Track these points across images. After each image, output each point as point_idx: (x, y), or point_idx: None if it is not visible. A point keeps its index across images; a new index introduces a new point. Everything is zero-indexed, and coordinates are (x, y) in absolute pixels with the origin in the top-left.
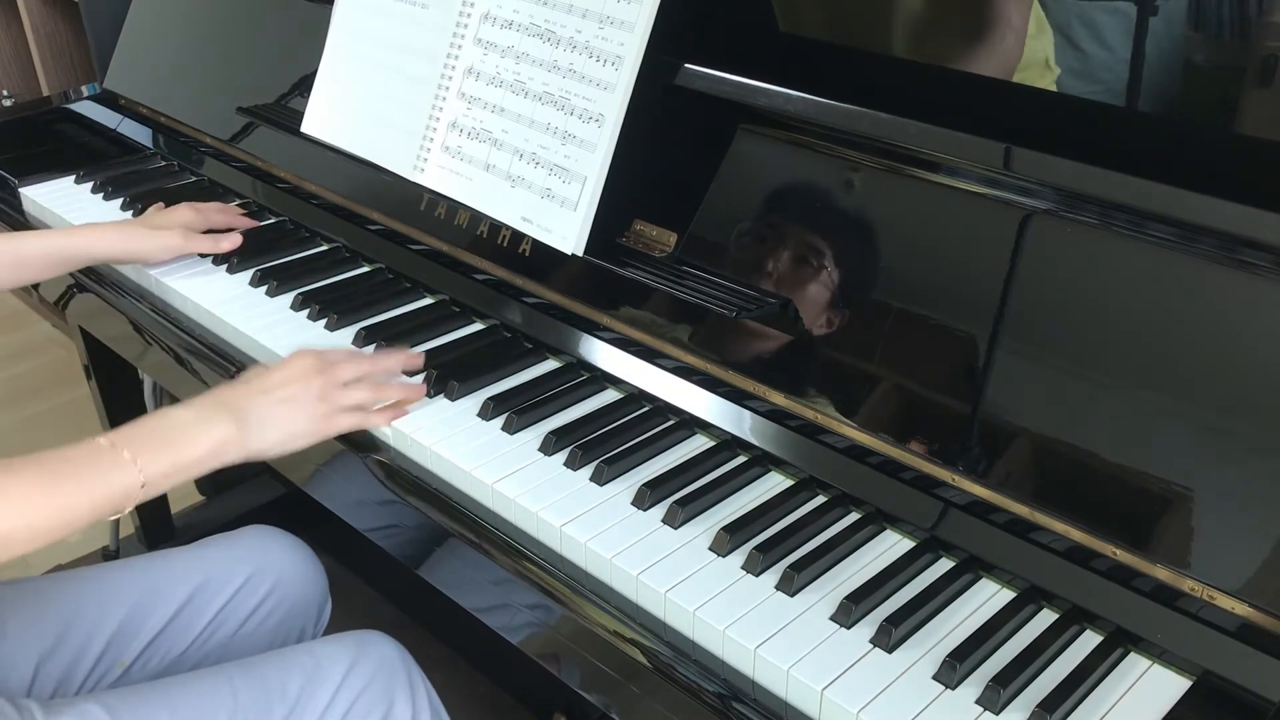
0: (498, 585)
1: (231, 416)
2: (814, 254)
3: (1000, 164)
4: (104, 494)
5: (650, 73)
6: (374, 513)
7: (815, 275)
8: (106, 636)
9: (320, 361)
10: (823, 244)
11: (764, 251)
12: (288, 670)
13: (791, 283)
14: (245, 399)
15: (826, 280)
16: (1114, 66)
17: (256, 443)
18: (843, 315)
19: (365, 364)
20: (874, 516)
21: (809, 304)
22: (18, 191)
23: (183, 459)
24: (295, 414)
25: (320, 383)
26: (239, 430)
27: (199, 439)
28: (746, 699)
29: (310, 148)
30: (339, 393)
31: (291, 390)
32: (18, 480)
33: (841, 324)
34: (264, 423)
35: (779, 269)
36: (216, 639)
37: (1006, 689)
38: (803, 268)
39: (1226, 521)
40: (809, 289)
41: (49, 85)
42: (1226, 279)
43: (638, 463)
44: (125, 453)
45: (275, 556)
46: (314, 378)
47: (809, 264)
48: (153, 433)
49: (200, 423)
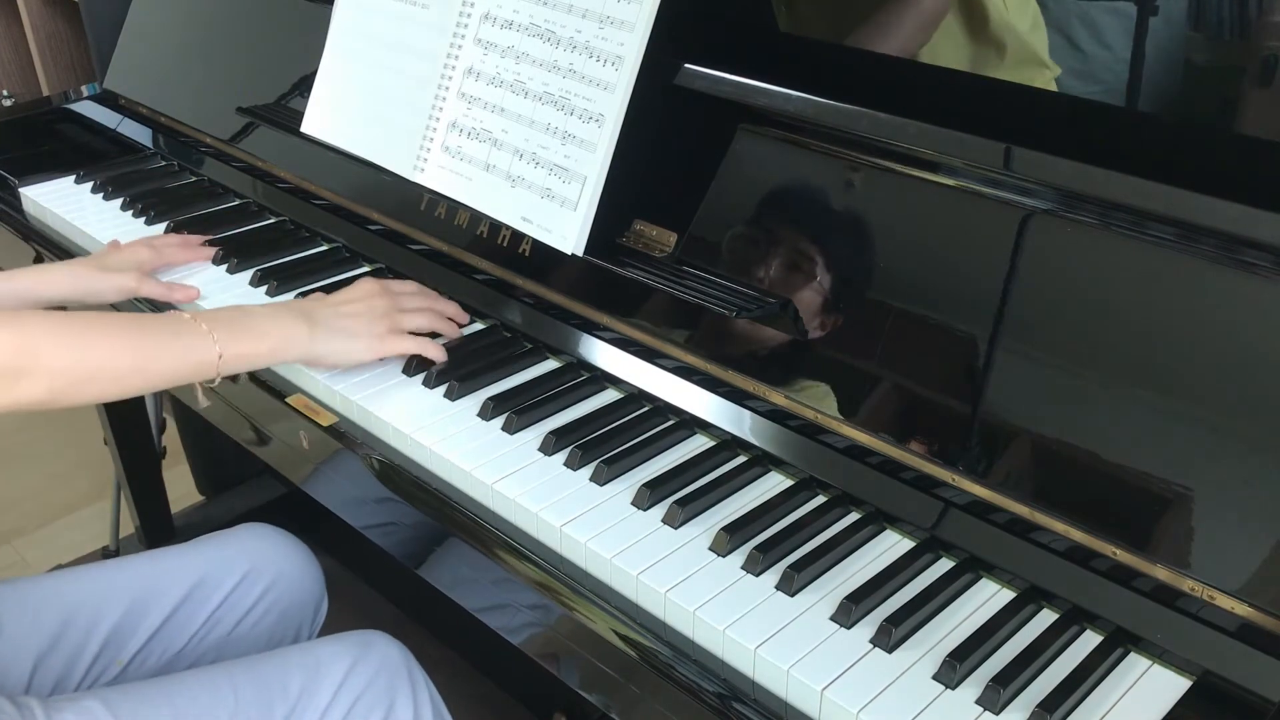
0: (497, 585)
1: (302, 319)
2: (814, 254)
3: (1000, 164)
4: (183, 356)
5: (650, 73)
6: (374, 512)
7: (815, 275)
8: (104, 634)
9: (385, 289)
10: (823, 244)
11: (764, 251)
12: (289, 669)
13: (791, 283)
14: (317, 308)
15: (826, 280)
16: (1114, 66)
17: (321, 345)
18: (843, 315)
19: (427, 298)
20: (874, 516)
21: (809, 304)
22: (18, 191)
23: (255, 348)
24: (358, 326)
25: (384, 303)
26: (308, 332)
27: (270, 331)
28: (746, 699)
29: (310, 148)
30: (401, 315)
31: (358, 307)
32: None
33: (841, 324)
34: (330, 330)
35: (779, 269)
36: (213, 636)
37: (1006, 689)
38: (803, 268)
39: (1226, 521)
40: (809, 289)
41: (49, 85)
42: (1226, 279)
43: (638, 463)
44: (204, 325)
45: (271, 554)
46: (379, 298)
47: (809, 264)
48: (230, 317)
49: (274, 318)
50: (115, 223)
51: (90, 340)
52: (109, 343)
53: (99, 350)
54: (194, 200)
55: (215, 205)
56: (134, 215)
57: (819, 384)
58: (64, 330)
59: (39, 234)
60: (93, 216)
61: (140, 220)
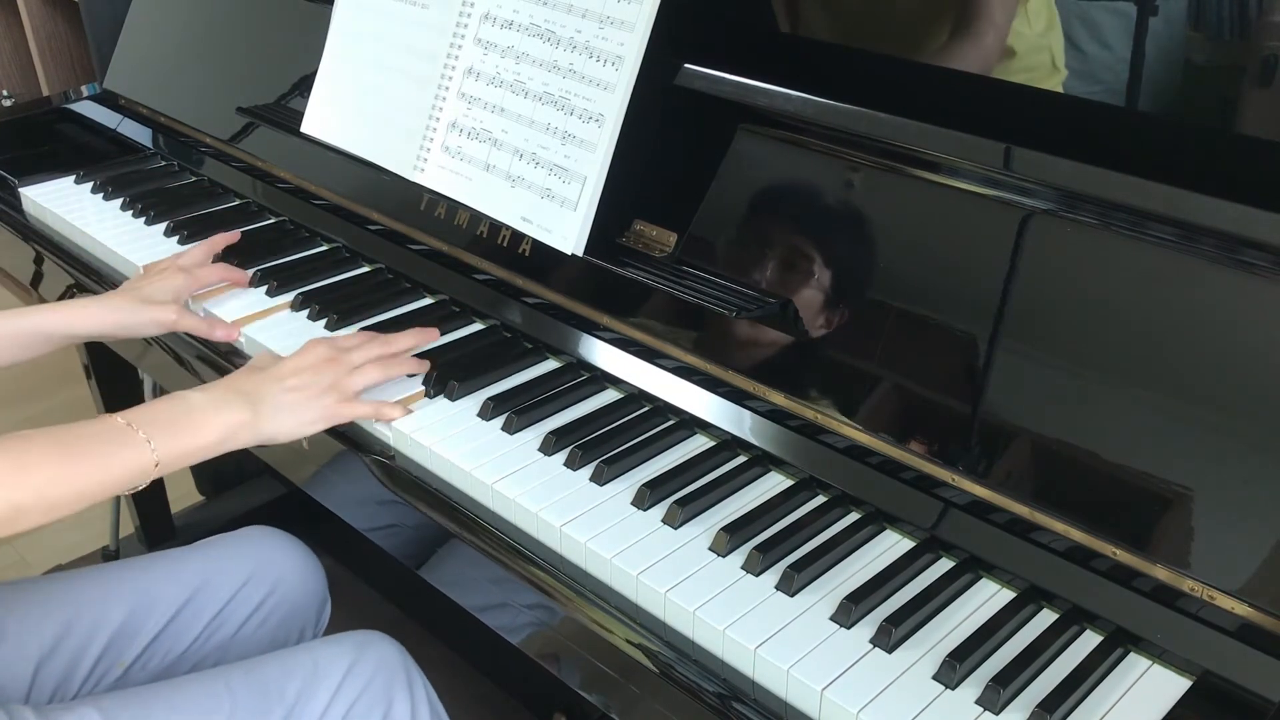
0: (497, 585)
1: (245, 402)
2: (814, 254)
3: (1000, 164)
4: (119, 472)
5: (650, 73)
6: (374, 512)
7: (815, 275)
8: (106, 637)
9: (332, 350)
10: (822, 244)
11: (764, 251)
12: (286, 672)
13: (791, 283)
14: (259, 385)
15: (826, 280)
16: (1114, 66)
17: (269, 428)
18: (843, 315)
19: (376, 347)
20: (874, 516)
21: (809, 304)
22: (18, 191)
23: (196, 442)
24: (308, 402)
25: (331, 371)
26: (252, 415)
27: (212, 423)
28: (746, 699)
29: (310, 148)
30: (350, 379)
31: (304, 379)
32: (34, 454)
33: (841, 324)
34: (277, 409)
35: (779, 269)
36: (215, 640)
37: (1006, 689)
38: (803, 268)
39: (1226, 521)
40: (809, 289)
41: (49, 85)
42: (1226, 279)
43: (638, 463)
44: (141, 433)
45: (275, 558)
46: (326, 366)
47: (809, 264)
48: (168, 415)
49: (214, 406)
50: (115, 223)
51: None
52: (41, 474)
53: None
54: (194, 200)
55: (215, 205)
56: (134, 215)
57: (819, 384)
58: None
59: (39, 234)
60: (93, 216)
61: (140, 220)
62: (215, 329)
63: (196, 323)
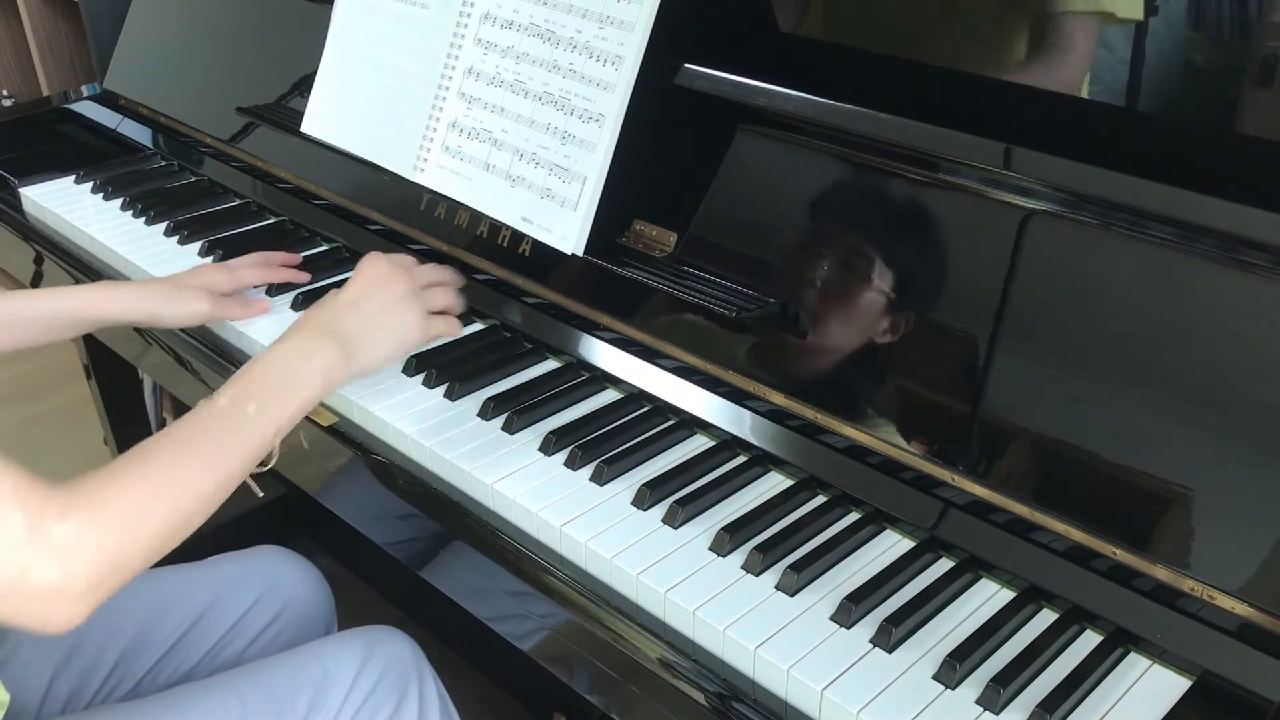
0: (496, 585)
1: (333, 341)
2: (813, 254)
3: (1000, 164)
4: (248, 448)
5: (650, 73)
6: (374, 512)
7: (815, 275)
8: (120, 649)
9: (395, 265)
10: (822, 244)
11: (764, 251)
12: (297, 683)
13: (791, 282)
14: (340, 318)
15: (826, 280)
16: (1114, 66)
17: (365, 359)
18: (842, 315)
19: (436, 271)
20: (874, 516)
21: (808, 304)
22: (18, 191)
23: (304, 397)
24: (397, 321)
25: (404, 285)
26: (343, 353)
27: (311, 373)
28: (746, 699)
29: (310, 148)
30: (423, 298)
31: (382, 298)
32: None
33: (841, 324)
34: (366, 339)
35: (779, 269)
36: (226, 655)
37: (1006, 689)
38: (802, 267)
39: (1226, 521)
40: (808, 289)
41: (49, 85)
42: (1226, 279)
43: (638, 463)
44: (250, 407)
45: (285, 579)
46: (396, 282)
47: (808, 264)
48: (267, 380)
49: (308, 357)
50: (115, 223)
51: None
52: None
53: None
54: (194, 200)
55: (215, 205)
56: (134, 215)
57: (819, 383)
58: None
59: (39, 234)
60: (93, 216)
61: (140, 220)
62: (251, 307)
63: (233, 308)
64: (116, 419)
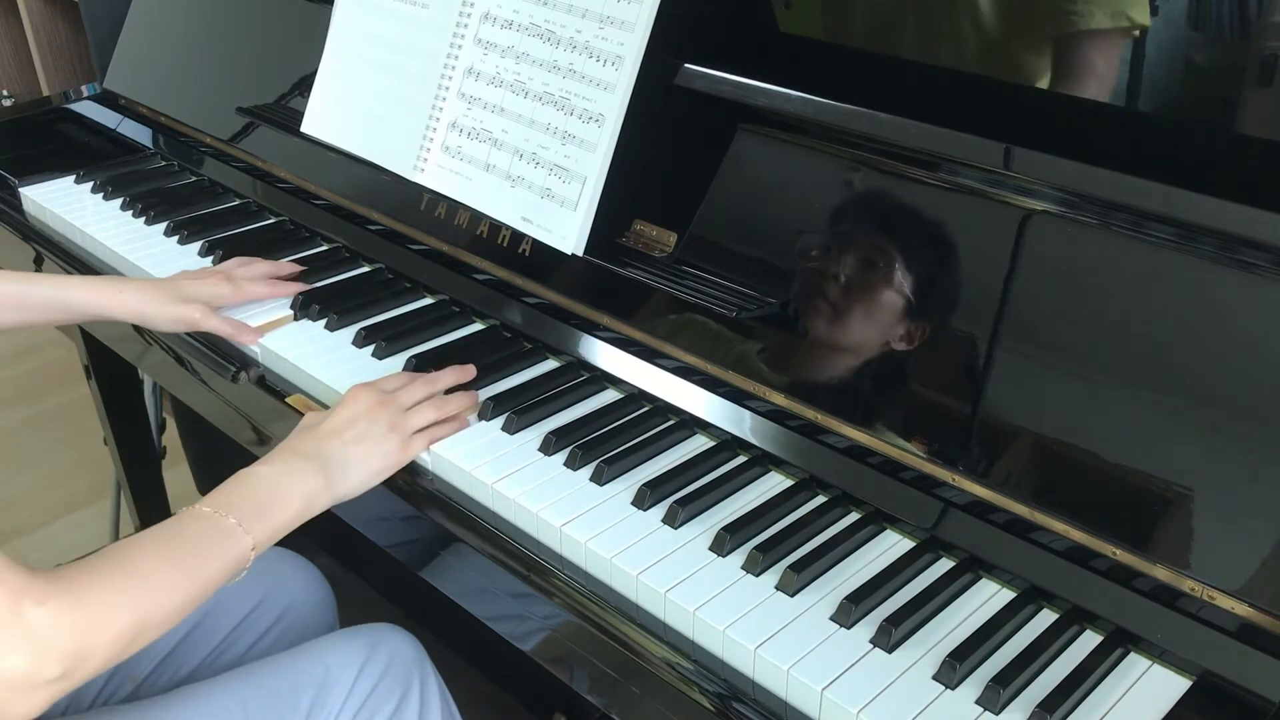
0: (497, 585)
1: (314, 467)
2: (813, 254)
3: (1000, 164)
4: (224, 564)
5: (650, 73)
6: (373, 513)
7: (814, 275)
8: None
9: (380, 393)
10: (822, 244)
11: (764, 251)
12: (299, 682)
13: (791, 282)
14: (321, 445)
15: (826, 280)
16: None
17: (341, 486)
18: (842, 315)
19: (423, 386)
20: (874, 516)
21: (808, 304)
22: (18, 191)
23: (282, 518)
24: (373, 450)
25: (387, 414)
26: (324, 478)
27: (291, 495)
28: (746, 699)
29: (310, 148)
30: (406, 419)
31: (361, 427)
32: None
33: (841, 324)
34: (346, 465)
35: (779, 269)
36: (228, 657)
37: (1006, 689)
38: (802, 267)
39: (1226, 521)
40: (808, 289)
41: (49, 85)
42: (1226, 279)
43: (638, 463)
44: (231, 519)
45: (287, 581)
46: (379, 410)
47: (808, 264)
48: (247, 496)
49: (288, 477)
50: (115, 223)
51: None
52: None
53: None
54: (194, 200)
55: (215, 205)
56: (134, 215)
57: (819, 383)
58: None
59: (39, 234)
60: (93, 216)
61: (140, 220)
62: (243, 334)
63: (221, 325)
64: (116, 419)
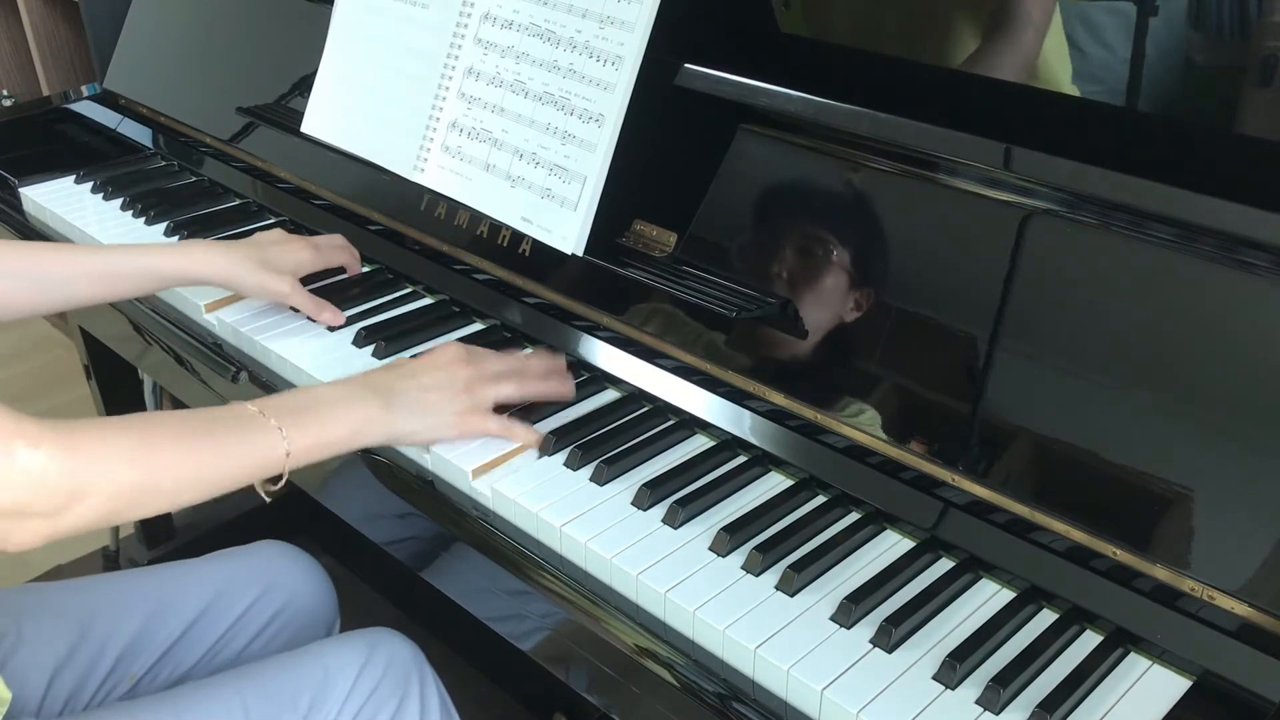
0: (497, 585)
1: (378, 397)
2: (814, 254)
3: (1000, 164)
4: (248, 457)
5: (650, 73)
6: (374, 514)
7: (815, 275)
8: (120, 647)
9: (467, 353)
10: (822, 244)
11: (764, 251)
12: (298, 683)
13: (791, 282)
14: (393, 382)
15: (826, 280)
16: (1114, 66)
17: (401, 426)
18: (842, 315)
19: (513, 360)
20: (874, 516)
21: (809, 304)
22: (18, 191)
23: (327, 434)
24: (440, 403)
25: (466, 374)
26: (384, 411)
27: (344, 416)
28: (746, 699)
29: (310, 148)
30: (484, 387)
31: (438, 378)
32: (163, 433)
33: (841, 324)
34: (409, 408)
35: (779, 269)
36: (226, 654)
37: (1006, 689)
38: (802, 268)
39: (1226, 521)
40: (809, 289)
41: (49, 85)
42: (1226, 279)
43: (638, 463)
44: (272, 420)
45: (287, 574)
46: (460, 368)
47: (809, 264)
48: (300, 404)
49: (346, 401)
50: (115, 223)
51: (152, 452)
52: (171, 452)
53: (161, 462)
54: (194, 200)
55: (215, 205)
56: (134, 215)
57: (819, 383)
58: (123, 443)
59: (39, 234)
60: (93, 216)
61: (140, 220)
62: (323, 310)
63: (305, 301)
64: None
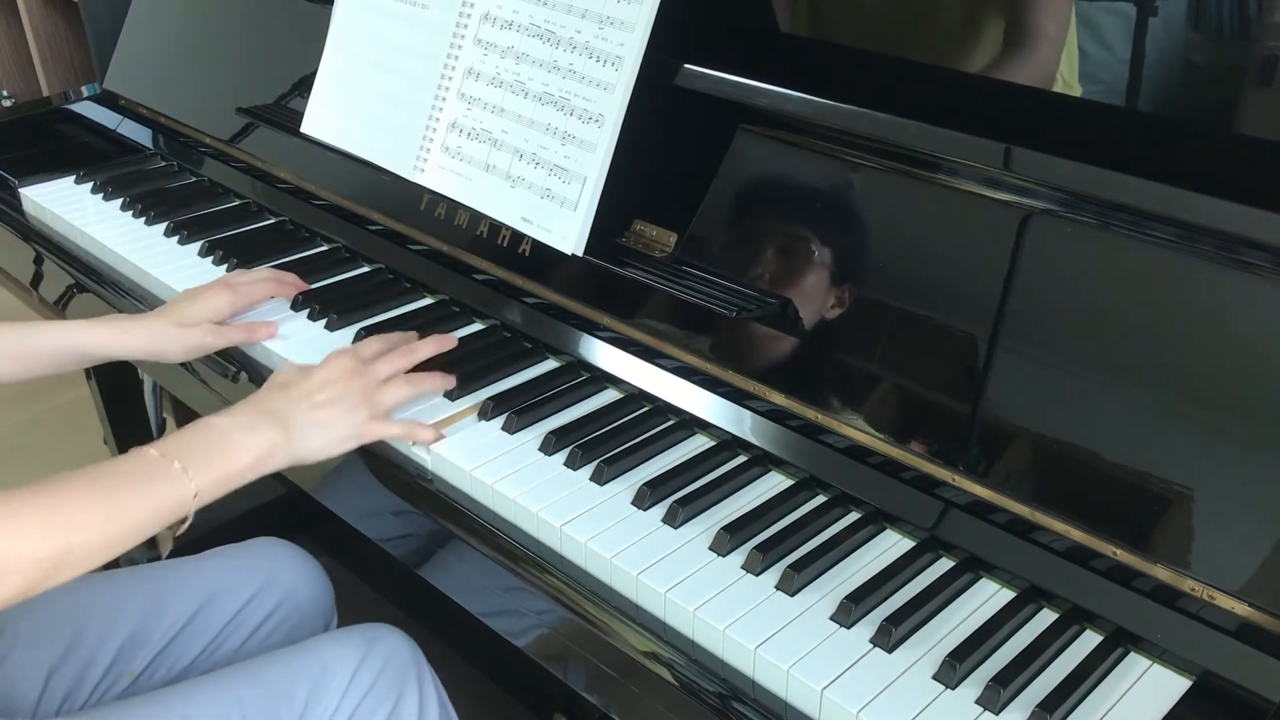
0: (496, 584)
1: (275, 422)
2: (814, 254)
3: (1000, 164)
4: (157, 505)
5: (650, 73)
6: (373, 512)
7: (815, 275)
8: (117, 645)
9: (357, 362)
10: (823, 244)
11: (764, 251)
12: (295, 678)
13: (791, 282)
14: (287, 404)
15: (826, 280)
16: (1114, 66)
17: (300, 449)
18: (843, 315)
19: (399, 358)
20: (874, 516)
21: (809, 304)
22: (18, 192)
23: (231, 468)
24: (338, 419)
25: (360, 384)
26: (284, 436)
27: (245, 447)
28: (746, 699)
29: (310, 148)
30: (380, 395)
31: (332, 393)
32: (72, 497)
33: (841, 324)
34: (308, 428)
35: (779, 269)
36: (223, 650)
37: (1006, 689)
38: (803, 268)
39: (1226, 521)
40: (809, 289)
41: (49, 85)
42: (1226, 279)
43: (638, 462)
44: (176, 463)
45: (284, 570)
46: (353, 379)
47: (809, 264)
48: (200, 442)
49: (245, 430)
50: (115, 223)
51: (66, 518)
52: (83, 514)
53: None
54: (194, 200)
55: (215, 205)
56: (134, 215)
57: (819, 383)
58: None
59: (39, 234)
60: (93, 217)
61: (140, 220)
62: (256, 331)
63: (233, 335)
64: (116, 419)
